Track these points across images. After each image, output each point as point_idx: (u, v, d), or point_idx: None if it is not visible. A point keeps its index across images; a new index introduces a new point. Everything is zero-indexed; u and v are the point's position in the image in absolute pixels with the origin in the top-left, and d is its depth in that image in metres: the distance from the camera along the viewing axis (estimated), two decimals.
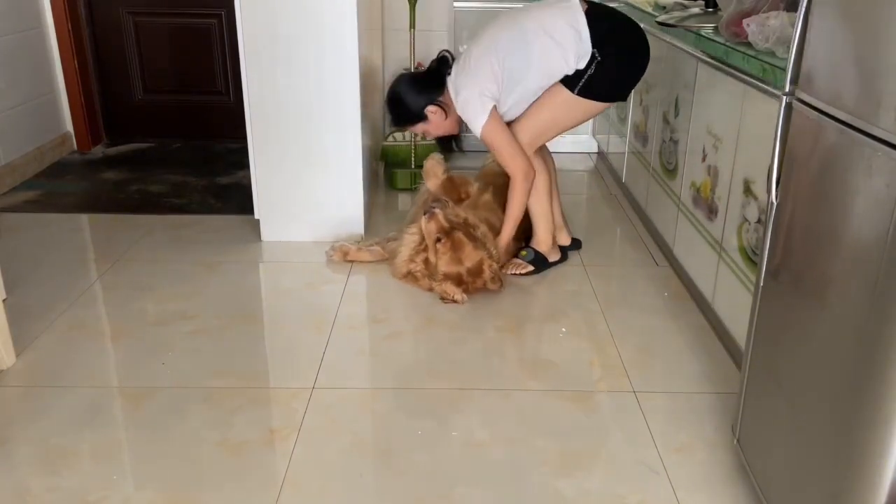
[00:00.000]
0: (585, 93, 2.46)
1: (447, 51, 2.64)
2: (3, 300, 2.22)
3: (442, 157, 2.84)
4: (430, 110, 2.56)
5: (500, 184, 2.77)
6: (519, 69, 2.44)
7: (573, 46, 2.40)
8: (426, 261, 2.55)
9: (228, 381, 2.03)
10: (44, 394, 1.96)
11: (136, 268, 2.70)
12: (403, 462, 1.73)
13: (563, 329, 2.33)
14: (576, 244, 2.87)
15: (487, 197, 2.80)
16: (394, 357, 2.19)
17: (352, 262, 2.75)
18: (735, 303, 2.10)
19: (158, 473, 1.69)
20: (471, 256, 2.48)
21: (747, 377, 1.60)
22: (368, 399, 1.99)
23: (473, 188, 2.83)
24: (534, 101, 2.54)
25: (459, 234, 2.48)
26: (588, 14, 2.41)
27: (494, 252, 2.58)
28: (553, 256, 2.72)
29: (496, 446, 1.79)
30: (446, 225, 2.48)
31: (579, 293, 2.56)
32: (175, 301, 2.45)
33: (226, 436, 1.80)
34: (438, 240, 2.48)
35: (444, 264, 2.49)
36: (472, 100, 2.45)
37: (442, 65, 2.58)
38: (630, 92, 2.64)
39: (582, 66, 2.42)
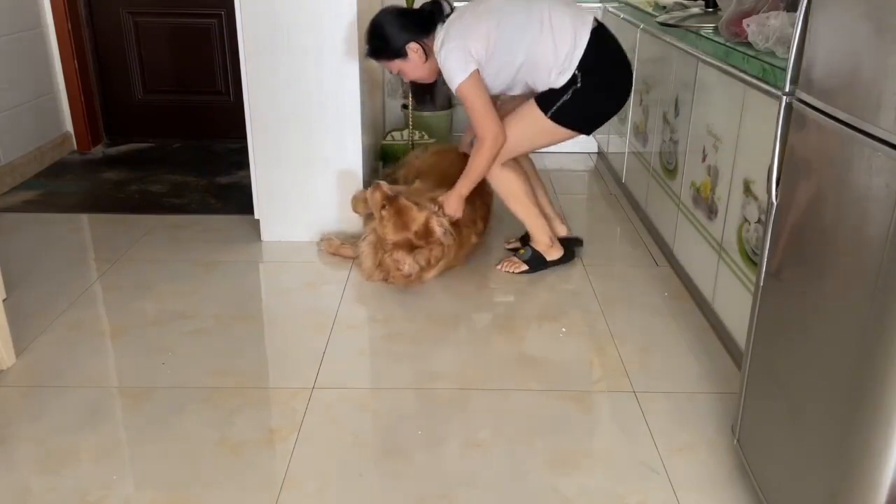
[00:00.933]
0: (556, 117, 2.44)
1: (445, 5, 2.52)
2: (3, 300, 2.22)
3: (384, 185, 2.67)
4: (412, 48, 2.48)
5: (426, 169, 2.81)
6: (509, 44, 2.38)
7: (563, 55, 2.37)
8: (378, 239, 2.54)
9: (228, 380, 2.03)
10: (44, 394, 1.96)
11: (135, 268, 2.70)
12: (403, 462, 1.73)
13: (563, 329, 2.33)
14: (576, 242, 2.86)
15: (417, 185, 2.81)
16: (394, 357, 2.19)
17: (336, 255, 2.78)
18: (735, 303, 2.10)
19: (158, 473, 1.69)
20: (416, 219, 2.47)
21: (747, 377, 1.60)
22: (368, 399, 1.99)
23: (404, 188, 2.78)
24: (508, 115, 2.51)
25: (402, 199, 2.49)
26: (592, 34, 2.39)
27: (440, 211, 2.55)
28: (553, 255, 2.71)
29: (496, 446, 1.79)
30: (390, 193, 2.50)
31: (579, 293, 2.56)
32: (175, 301, 2.45)
33: (225, 435, 1.80)
34: (383, 206, 2.48)
35: (391, 232, 2.47)
36: (456, 55, 2.37)
37: (436, 9, 2.51)
38: (596, 128, 2.60)
39: (560, 83, 2.40)
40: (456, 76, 2.38)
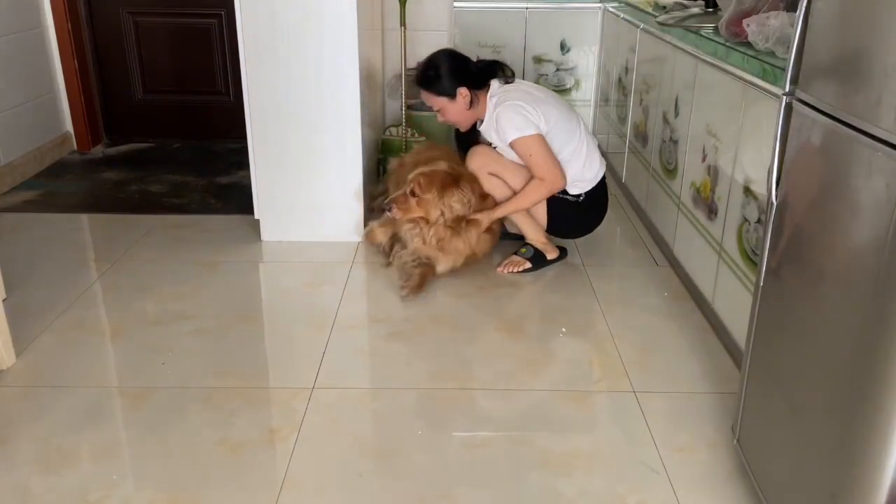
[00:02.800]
0: (549, 202, 2.64)
1: (507, 66, 2.65)
2: (3, 300, 2.22)
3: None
4: (462, 92, 2.56)
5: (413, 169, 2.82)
6: (560, 138, 2.56)
7: (589, 175, 2.63)
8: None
9: (228, 381, 2.03)
10: (44, 394, 1.96)
11: (136, 268, 2.70)
12: (403, 462, 1.73)
13: (563, 329, 2.33)
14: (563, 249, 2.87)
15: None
16: (394, 357, 2.19)
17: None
18: (735, 303, 2.10)
19: (158, 473, 1.69)
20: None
21: (747, 377, 1.60)
22: (368, 399, 1.99)
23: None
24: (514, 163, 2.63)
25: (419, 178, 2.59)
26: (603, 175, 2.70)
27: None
28: (551, 253, 2.73)
29: (496, 446, 1.79)
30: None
31: (579, 293, 2.56)
32: (175, 301, 2.45)
33: (226, 436, 1.80)
34: (413, 193, 2.57)
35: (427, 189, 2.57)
36: (524, 113, 2.49)
37: (495, 68, 2.61)
38: (556, 235, 2.78)
39: (571, 192, 2.64)
40: (516, 131, 2.49)
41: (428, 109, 3.79)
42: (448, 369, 2.11)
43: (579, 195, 2.65)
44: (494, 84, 2.61)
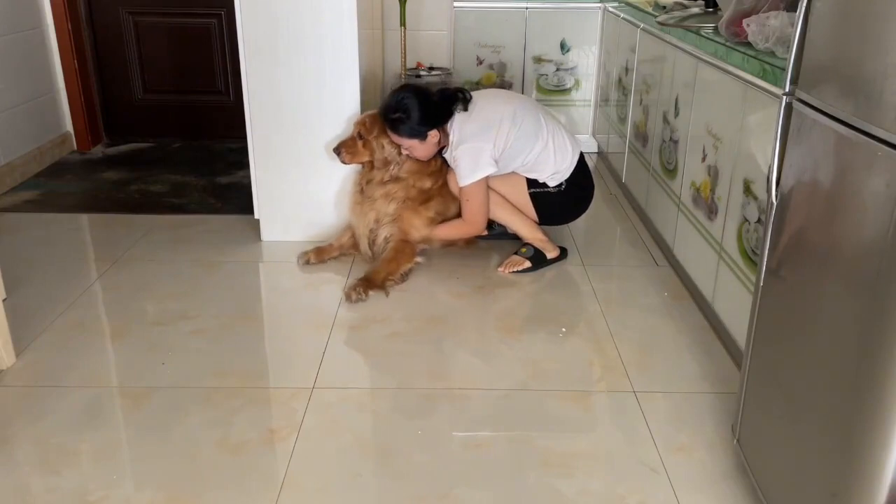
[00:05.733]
0: (534, 196, 2.71)
1: (464, 90, 2.65)
2: (3, 300, 2.22)
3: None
4: (432, 135, 2.59)
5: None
6: (520, 149, 2.62)
7: (563, 168, 2.67)
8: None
9: (228, 381, 2.03)
10: (44, 394, 1.96)
11: (135, 268, 2.70)
12: (403, 462, 1.73)
13: (563, 329, 2.33)
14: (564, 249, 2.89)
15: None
16: (394, 357, 2.19)
17: (322, 260, 2.76)
18: (735, 303, 2.10)
19: (158, 473, 1.69)
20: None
21: (747, 377, 1.60)
22: (368, 399, 1.99)
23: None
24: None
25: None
26: (580, 157, 2.74)
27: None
28: (551, 252, 2.73)
29: (496, 446, 1.79)
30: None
31: (579, 293, 2.56)
32: (175, 301, 2.45)
33: (226, 436, 1.80)
34: (359, 136, 2.65)
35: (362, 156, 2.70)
36: (472, 156, 2.57)
37: (458, 97, 2.62)
38: (549, 224, 2.84)
39: (551, 183, 2.69)
40: (467, 176, 2.59)
41: None
42: (448, 369, 2.11)
43: (560, 184, 2.69)
44: (455, 117, 2.61)
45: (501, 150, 2.59)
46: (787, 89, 1.42)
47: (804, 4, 1.34)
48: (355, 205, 2.76)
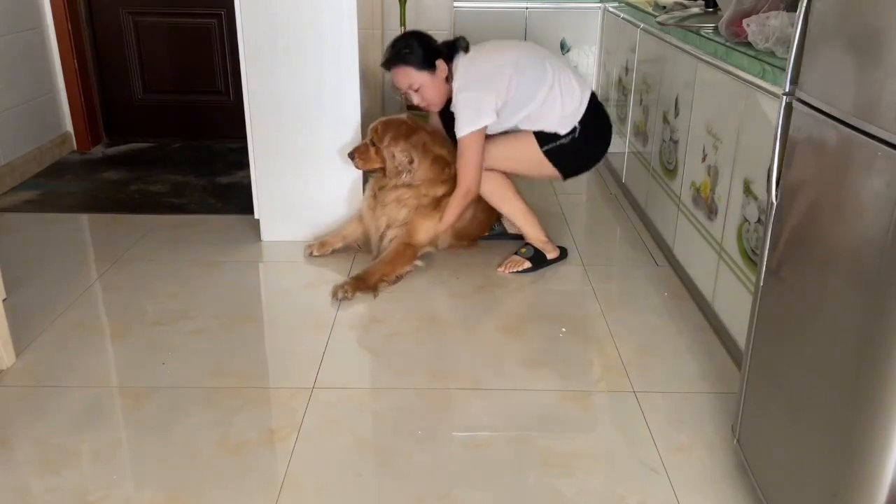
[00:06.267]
0: (549, 154, 2.61)
1: (465, 39, 2.61)
2: (3, 300, 2.22)
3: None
4: (440, 65, 2.53)
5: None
6: (521, 100, 2.54)
7: (569, 112, 2.57)
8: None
9: (228, 381, 2.03)
10: (44, 394, 1.96)
11: (135, 268, 2.70)
12: (403, 462, 1.73)
13: (563, 329, 2.33)
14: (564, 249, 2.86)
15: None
16: (394, 357, 2.19)
17: (325, 252, 2.78)
18: (735, 303, 2.10)
19: (158, 473, 1.69)
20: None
21: (747, 377, 1.60)
22: (368, 399, 1.99)
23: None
24: (502, 134, 2.64)
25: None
26: (591, 96, 2.63)
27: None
28: (551, 253, 2.73)
29: (496, 446, 1.79)
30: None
31: (579, 293, 2.56)
32: (175, 301, 2.45)
33: (226, 436, 1.80)
34: (372, 143, 2.65)
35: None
36: (473, 105, 2.49)
37: (459, 44, 2.58)
38: (573, 176, 2.76)
39: (562, 131, 2.58)
40: (466, 125, 2.50)
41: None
42: (448, 369, 2.11)
43: (573, 130, 2.59)
44: (457, 60, 2.56)
45: (504, 99, 2.52)
46: (787, 89, 1.42)
47: (804, 4, 1.34)
48: (368, 209, 2.76)
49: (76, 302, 2.44)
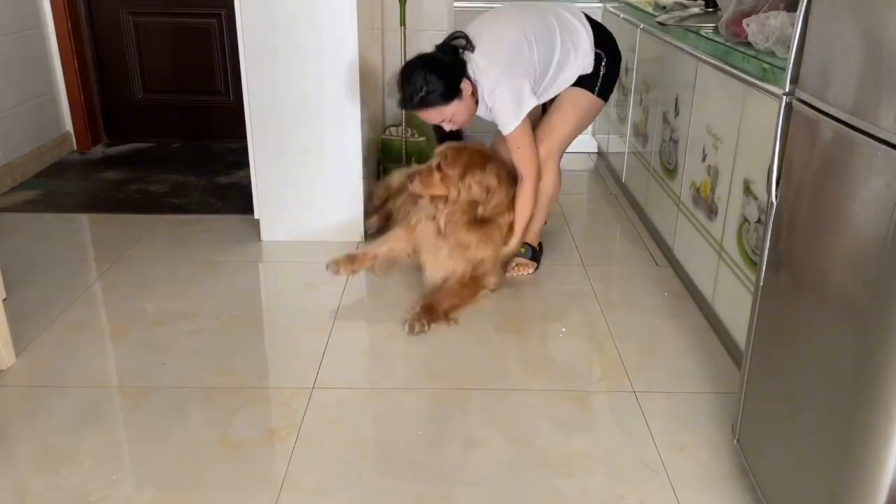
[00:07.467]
0: (602, 93, 2.58)
1: (457, 34, 2.42)
2: (3, 300, 2.22)
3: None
4: (465, 86, 2.35)
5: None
6: (546, 62, 2.46)
7: (582, 49, 2.51)
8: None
9: (228, 380, 2.03)
10: (44, 394, 1.96)
11: (135, 267, 2.70)
12: (403, 462, 1.73)
13: (563, 329, 2.33)
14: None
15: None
16: (394, 357, 2.19)
17: (355, 270, 2.62)
18: (735, 303, 2.10)
19: (158, 473, 1.69)
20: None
21: (747, 377, 1.60)
22: (368, 399, 1.99)
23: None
24: (554, 107, 2.58)
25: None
26: (586, 18, 2.58)
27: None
28: (534, 241, 2.72)
29: (496, 446, 1.79)
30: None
31: (579, 293, 2.56)
32: (175, 301, 2.45)
33: (226, 436, 1.80)
34: (438, 167, 2.44)
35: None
36: (512, 97, 2.36)
37: (456, 41, 2.40)
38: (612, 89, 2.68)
39: (588, 67, 2.53)
40: (512, 119, 2.38)
41: None
42: (448, 369, 2.11)
43: (599, 57, 2.52)
44: (471, 65, 2.37)
45: (534, 76, 2.41)
46: (787, 89, 1.42)
47: (804, 4, 1.34)
48: (429, 245, 2.50)
49: (76, 302, 2.44)
